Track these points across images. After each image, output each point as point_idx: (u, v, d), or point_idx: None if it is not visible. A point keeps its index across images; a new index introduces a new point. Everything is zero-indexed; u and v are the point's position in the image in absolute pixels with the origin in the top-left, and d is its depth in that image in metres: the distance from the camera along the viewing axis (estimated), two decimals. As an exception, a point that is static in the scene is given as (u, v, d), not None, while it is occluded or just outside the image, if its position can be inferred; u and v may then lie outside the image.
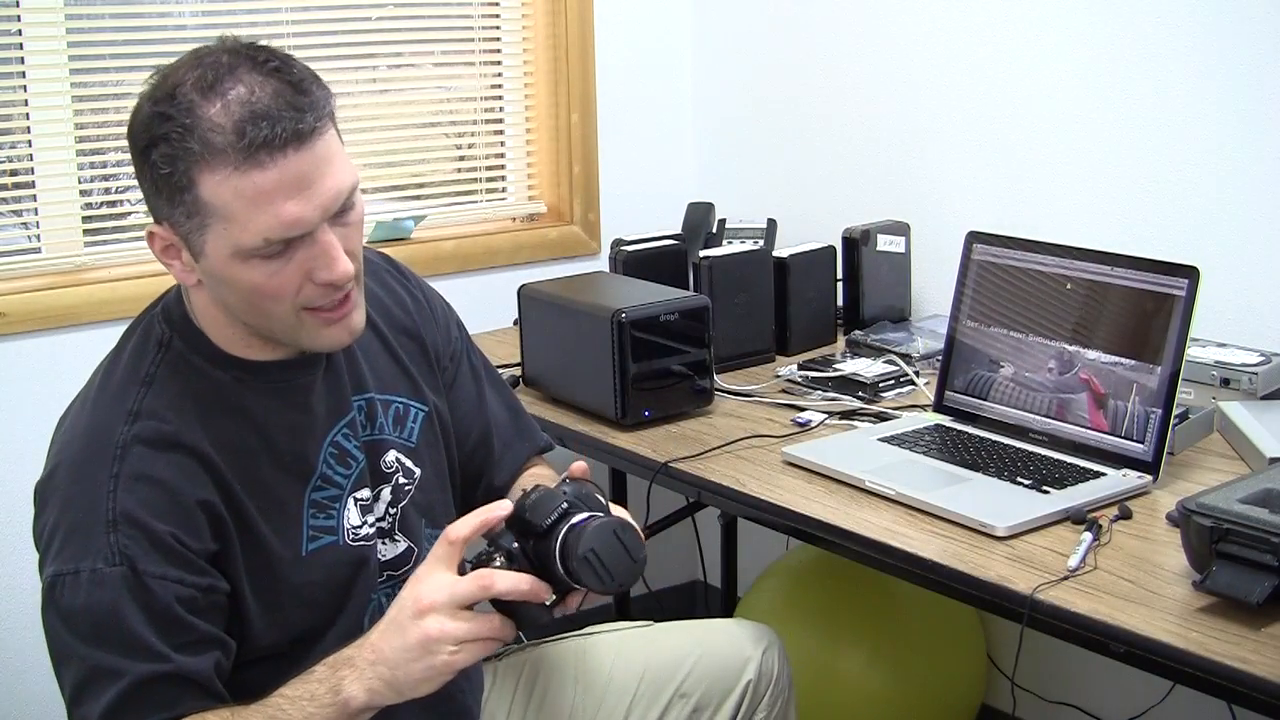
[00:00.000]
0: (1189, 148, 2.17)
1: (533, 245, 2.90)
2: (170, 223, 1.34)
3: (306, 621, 1.43)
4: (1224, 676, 1.29)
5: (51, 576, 1.34)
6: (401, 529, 1.53)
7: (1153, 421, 1.74)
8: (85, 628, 1.31)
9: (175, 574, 1.31)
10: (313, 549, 1.44)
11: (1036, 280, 1.90)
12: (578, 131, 2.92)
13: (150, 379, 1.38)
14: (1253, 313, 2.10)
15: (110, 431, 1.35)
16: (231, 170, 1.25)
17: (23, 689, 2.42)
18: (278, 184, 1.26)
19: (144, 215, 2.58)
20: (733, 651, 1.79)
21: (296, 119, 1.26)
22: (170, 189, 1.29)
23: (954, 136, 2.53)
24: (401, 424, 1.55)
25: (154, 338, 1.42)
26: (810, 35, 2.78)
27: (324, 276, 1.32)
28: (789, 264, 2.41)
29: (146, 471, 1.33)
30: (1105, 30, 2.26)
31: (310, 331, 1.38)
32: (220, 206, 1.28)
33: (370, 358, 1.54)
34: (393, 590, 1.50)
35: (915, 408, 2.07)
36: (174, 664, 1.30)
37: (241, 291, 1.34)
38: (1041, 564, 1.52)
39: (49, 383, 2.39)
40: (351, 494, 1.48)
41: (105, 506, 1.31)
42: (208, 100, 1.26)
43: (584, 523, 1.30)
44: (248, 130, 1.24)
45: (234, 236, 1.29)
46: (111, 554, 1.30)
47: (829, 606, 2.40)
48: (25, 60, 2.38)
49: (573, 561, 1.28)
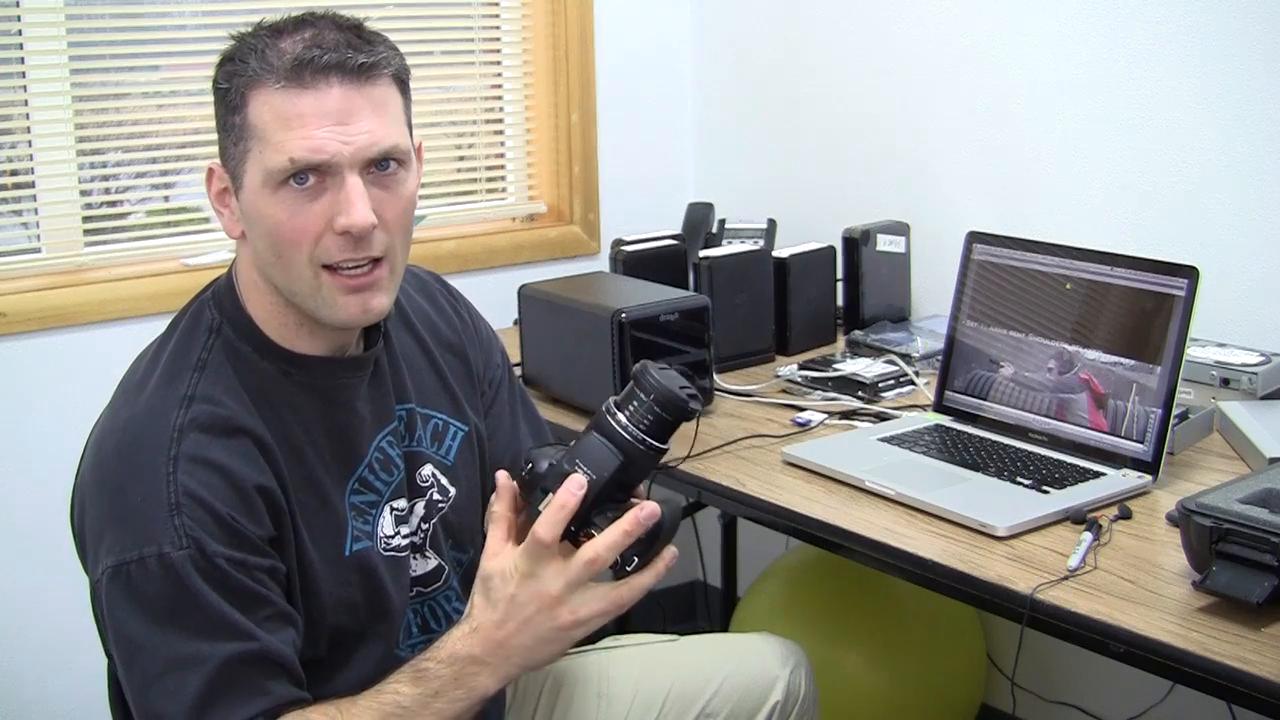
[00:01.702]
0: (1189, 148, 2.17)
1: (533, 245, 2.90)
2: (225, 159, 1.37)
3: (344, 624, 1.41)
4: (1224, 676, 1.29)
5: (113, 567, 1.28)
6: (432, 546, 1.52)
7: (1153, 421, 1.74)
8: (161, 613, 1.27)
9: (240, 555, 1.29)
10: (356, 550, 1.42)
11: (1036, 280, 1.90)
12: (578, 131, 2.92)
13: (203, 364, 1.37)
14: (1253, 313, 2.10)
15: (164, 416, 1.33)
16: (276, 89, 1.30)
17: (20, 689, 2.43)
18: (315, 109, 1.29)
19: (144, 215, 2.59)
20: (760, 670, 1.77)
21: (348, 54, 1.30)
22: (226, 109, 1.34)
23: (954, 136, 2.53)
24: (440, 440, 1.55)
25: (204, 323, 1.41)
26: (810, 35, 2.78)
27: (341, 221, 1.31)
28: (789, 264, 2.41)
29: (204, 455, 1.31)
30: (1105, 30, 2.26)
31: (328, 297, 1.35)
32: (260, 127, 1.31)
33: (414, 370, 1.54)
34: (421, 607, 1.49)
35: (915, 408, 2.07)
36: (260, 642, 1.28)
37: (266, 232, 1.34)
38: (1041, 564, 1.52)
39: (49, 383, 2.39)
40: (389, 502, 1.47)
41: (167, 490, 1.28)
42: (279, 34, 1.32)
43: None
44: (301, 55, 1.29)
45: (266, 159, 1.31)
46: (178, 536, 1.26)
47: (829, 606, 2.40)
48: (25, 60, 2.38)
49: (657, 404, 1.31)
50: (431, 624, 1.52)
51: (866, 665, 2.32)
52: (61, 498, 2.38)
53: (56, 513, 2.38)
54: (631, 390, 1.33)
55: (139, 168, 2.58)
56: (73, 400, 2.40)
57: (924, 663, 2.36)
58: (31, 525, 2.39)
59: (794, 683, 1.77)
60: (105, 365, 2.40)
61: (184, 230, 2.62)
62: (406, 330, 1.55)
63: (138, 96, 2.53)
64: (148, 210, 2.61)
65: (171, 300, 2.46)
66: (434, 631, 1.50)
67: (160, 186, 2.62)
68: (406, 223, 1.39)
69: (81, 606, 2.57)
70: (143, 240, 2.56)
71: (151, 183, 2.61)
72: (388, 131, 1.33)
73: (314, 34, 1.31)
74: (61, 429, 2.39)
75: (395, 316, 1.54)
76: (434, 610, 1.52)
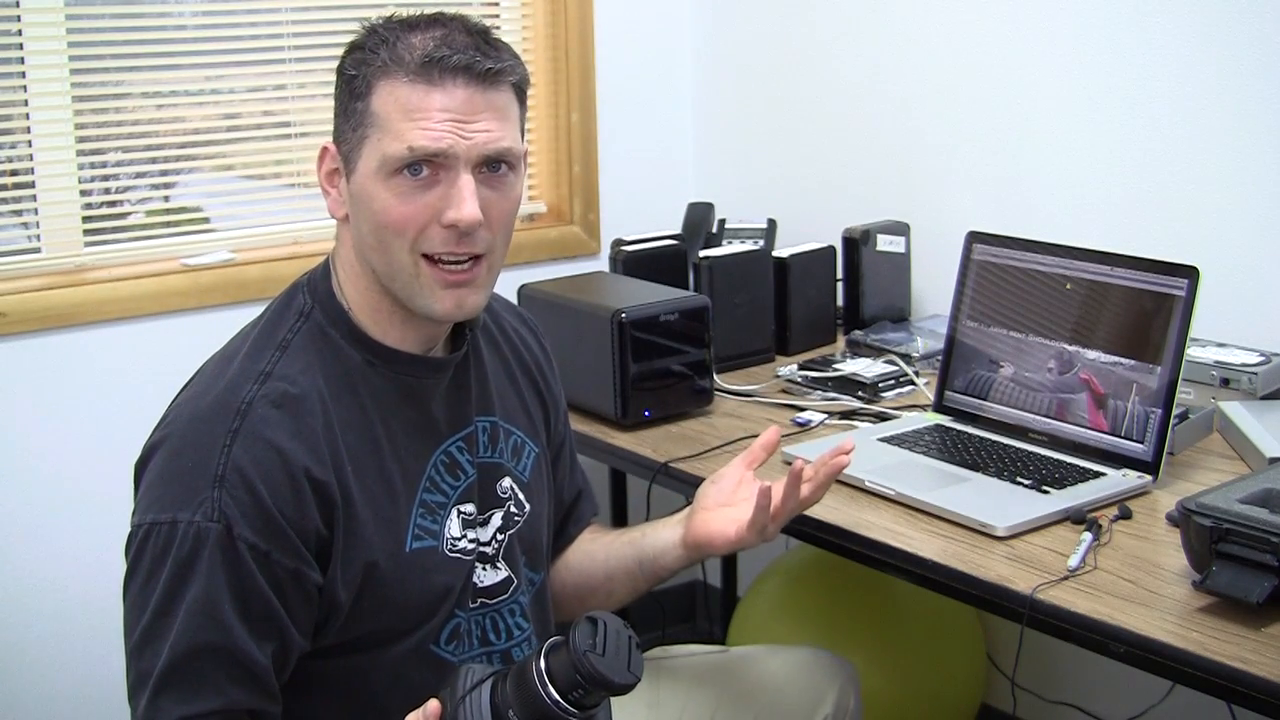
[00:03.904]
0: (1189, 148, 2.17)
1: (533, 245, 2.90)
2: (340, 141, 1.40)
3: (391, 622, 1.41)
4: (1224, 676, 1.29)
5: (147, 524, 1.31)
6: (505, 558, 1.52)
7: (1153, 421, 1.74)
8: (170, 578, 1.28)
9: (265, 546, 1.30)
10: (416, 548, 1.42)
11: (1036, 280, 1.90)
12: (578, 131, 2.92)
13: (285, 345, 1.40)
14: (1253, 313, 2.10)
15: (238, 389, 1.35)
16: (404, 81, 1.34)
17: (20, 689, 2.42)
18: (439, 104, 1.34)
19: (144, 215, 2.59)
20: (809, 685, 1.76)
21: (476, 58, 1.35)
22: (350, 95, 1.38)
23: (954, 136, 2.53)
24: (518, 456, 1.57)
25: (295, 307, 1.44)
26: (810, 35, 2.78)
27: (450, 215, 1.35)
28: (789, 264, 2.41)
29: (266, 434, 1.32)
30: (1105, 30, 2.26)
31: (425, 287, 1.38)
32: (383, 115, 1.35)
33: (499, 386, 1.56)
34: (483, 618, 1.49)
35: (915, 408, 2.07)
36: (235, 642, 1.28)
37: (373, 216, 1.36)
38: (1041, 564, 1.52)
39: (49, 383, 2.39)
40: (456, 505, 1.47)
41: (218, 460, 1.30)
42: (411, 30, 1.37)
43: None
44: (430, 52, 1.34)
45: (385, 146, 1.34)
46: (211, 509, 1.28)
47: (829, 606, 2.40)
48: (25, 60, 2.38)
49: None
50: (491, 636, 1.51)
51: (866, 665, 2.31)
52: (62, 497, 2.40)
53: (58, 512, 2.40)
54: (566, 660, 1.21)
55: (139, 168, 2.58)
56: (73, 400, 2.41)
57: (924, 663, 2.36)
58: (32, 524, 2.39)
59: (842, 698, 1.76)
60: (105, 365, 2.43)
61: (184, 230, 2.62)
62: (495, 348, 1.58)
63: (138, 96, 2.53)
64: (148, 210, 2.61)
65: (171, 300, 2.50)
66: (492, 645, 1.50)
67: (160, 186, 2.62)
68: (509, 225, 1.42)
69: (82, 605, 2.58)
70: (143, 240, 2.56)
71: (151, 183, 2.61)
72: (504, 133, 1.37)
73: (445, 34, 1.36)
74: (61, 429, 2.40)
75: (487, 333, 1.57)
76: (495, 623, 1.52)
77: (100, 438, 2.43)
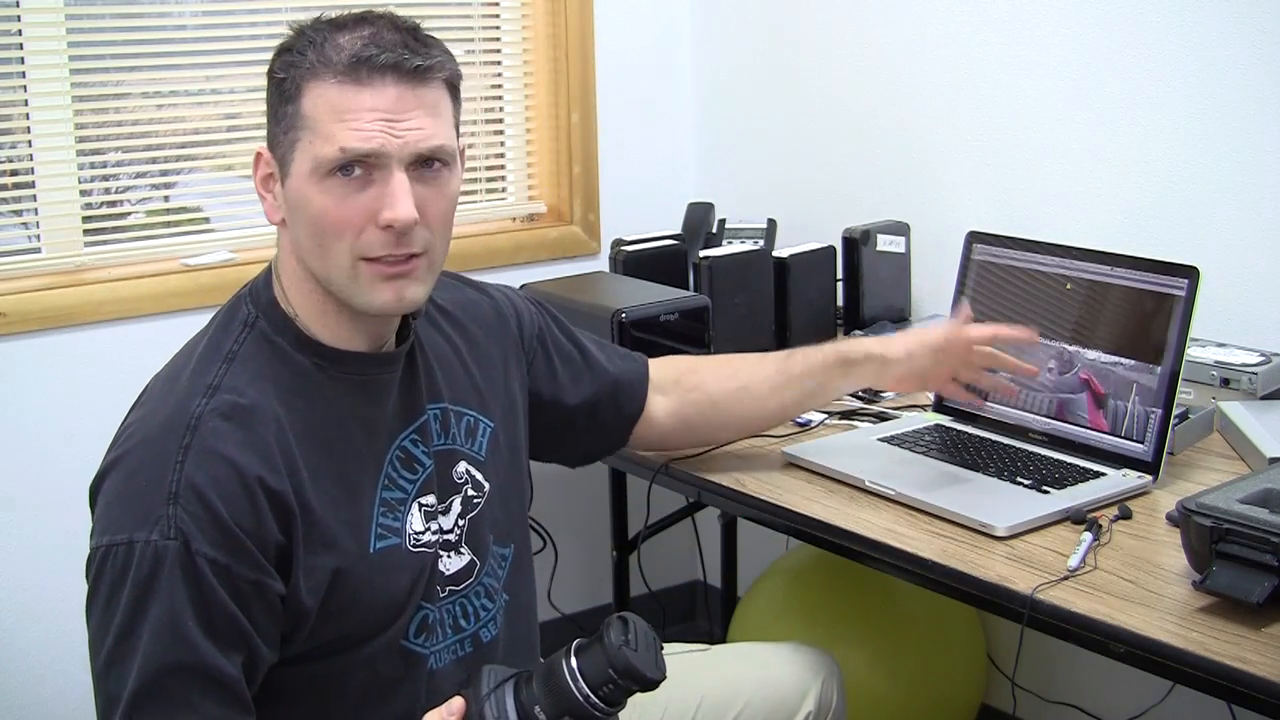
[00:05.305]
0: (1189, 148, 2.17)
1: (533, 245, 2.90)
2: (273, 145, 1.39)
3: (359, 624, 1.41)
4: (1224, 676, 1.29)
5: (105, 546, 1.30)
6: (468, 542, 1.52)
7: (1153, 421, 1.74)
8: (130, 598, 1.27)
9: (224, 560, 1.29)
10: (380, 547, 1.41)
11: (1036, 280, 1.90)
12: (578, 131, 2.92)
13: (232, 356, 1.39)
14: (1253, 313, 2.10)
15: (186, 405, 1.34)
16: (333, 82, 1.33)
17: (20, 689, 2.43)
18: (369, 104, 1.33)
19: (144, 215, 2.59)
20: (792, 681, 1.76)
21: (405, 55, 1.34)
22: (280, 98, 1.36)
23: (954, 136, 2.53)
24: (472, 436, 1.55)
25: (239, 317, 1.43)
26: (810, 35, 2.78)
27: (385, 215, 1.34)
28: (789, 264, 2.41)
29: (218, 448, 1.31)
30: (1105, 30, 2.26)
31: (365, 285, 1.37)
32: (314, 117, 1.34)
33: (445, 367, 1.55)
34: (453, 605, 1.49)
35: (915, 408, 2.07)
36: (203, 656, 1.27)
37: (309, 220, 1.36)
38: (1041, 564, 1.52)
39: (49, 383, 2.39)
40: (416, 499, 1.46)
41: (170, 478, 1.29)
42: (339, 30, 1.36)
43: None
44: (359, 51, 1.33)
45: (316, 149, 1.33)
46: (168, 527, 1.27)
47: (829, 606, 2.40)
48: (25, 60, 2.38)
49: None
50: (461, 622, 1.51)
51: (866, 665, 2.32)
52: (61, 497, 2.39)
53: (56, 512, 2.40)
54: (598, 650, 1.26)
55: (139, 168, 2.58)
56: (73, 400, 2.41)
57: (924, 663, 2.35)
58: (32, 524, 2.39)
59: (825, 693, 1.76)
60: (105, 365, 2.43)
61: (184, 230, 2.62)
62: (435, 329, 1.57)
63: (137, 96, 2.53)
64: (148, 210, 2.61)
65: (171, 300, 2.49)
66: (463, 630, 1.50)
67: (160, 186, 2.62)
68: (447, 221, 1.42)
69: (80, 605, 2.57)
70: (142, 240, 2.56)
71: (151, 183, 2.61)
72: (437, 131, 1.36)
73: (373, 32, 1.35)
74: (61, 429, 2.40)
75: (428, 318, 1.56)
76: (464, 608, 1.51)
77: (100, 438, 2.41)
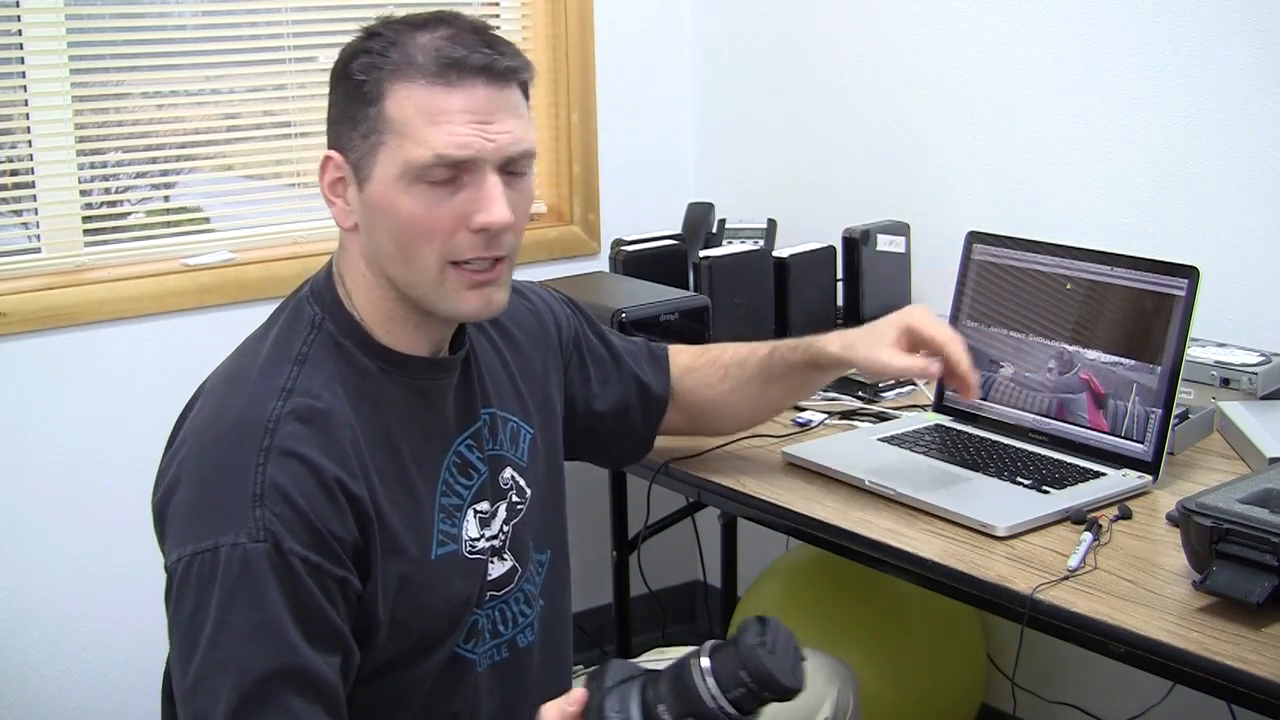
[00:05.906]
0: (1189, 148, 2.17)
1: (533, 245, 2.90)
2: (346, 149, 1.36)
3: (424, 633, 1.39)
4: (1224, 676, 1.29)
5: (189, 555, 1.25)
6: (511, 548, 1.51)
7: (1153, 421, 1.74)
8: (221, 607, 1.23)
9: (316, 559, 1.26)
10: (440, 554, 1.40)
11: (1036, 280, 1.90)
12: (577, 131, 2.92)
13: (303, 358, 1.36)
14: (1253, 313, 2.10)
15: (261, 407, 1.30)
16: (422, 84, 1.31)
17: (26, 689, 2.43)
18: (462, 107, 1.31)
19: (144, 215, 2.59)
20: (808, 689, 1.76)
21: (491, 56, 1.32)
22: (359, 101, 1.33)
23: (954, 136, 2.53)
24: (516, 443, 1.55)
25: (305, 318, 1.40)
26: (810, 35, 2.78)
27: (480, 219, 1.32)
28: (789, 264, 2.41)
29: (298, 450, 1.28)
30: (1105, 30, 2.26)
31: (451, 292, 1.36)
32: (402, 121, 1.31)
33: (492, 373, 1.54)
34: (494, 611, 1.48)
35: (915, 408, 2.07)
36: (302, 659, 1.23)
37: (396, 226, 1.33)
38: (1041, 564, 1.52)
39: (49, 383, 2.39)
40: (471, 505, 1.46)
41: (253, 481, 1.26)
42: (416, 30, 1.33)
43: None
44: (445, 52, 1.31)
45: (407, 153, 1.31)
46: (256, 529, 1.23)
47: (829, 606, 2.40)
48: (25, 60, 2.38)
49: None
50: (500, 627, 1.50)
51: (866, 665, 2.31)
52: (62, 497, 2.40)
53: (58, 512, 2.40)
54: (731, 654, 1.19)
55: (139, 168, 2.58)
56: (73, 400, 2.41)
57: (924, 663, 2.36)
58: (35, 525, 2.39)
59: (842, 701, 1.76)
60: (105, 365, 2.43)
61: (184, 230, 2.62)
62: (481, 334, 1.56)
63: (137, 96, 2.53)
64: (148, 210, 2.61)
65: (171, 300, 2.50)
66: (502, 636, 1.49)
67: (160, 186, 2.62)
68: (526, 223, 1.41)
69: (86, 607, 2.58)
70: (143, 240, 2.56)
71: (151, 183, 2.61)
72: (525, 132, 1.36)
73: (453, 32, 1.33)
74: (62, 429, 2.40)
75: (473, 324, 1.55)
76: (503, 613, 1.51)
77: (101, 438, 2.43)
